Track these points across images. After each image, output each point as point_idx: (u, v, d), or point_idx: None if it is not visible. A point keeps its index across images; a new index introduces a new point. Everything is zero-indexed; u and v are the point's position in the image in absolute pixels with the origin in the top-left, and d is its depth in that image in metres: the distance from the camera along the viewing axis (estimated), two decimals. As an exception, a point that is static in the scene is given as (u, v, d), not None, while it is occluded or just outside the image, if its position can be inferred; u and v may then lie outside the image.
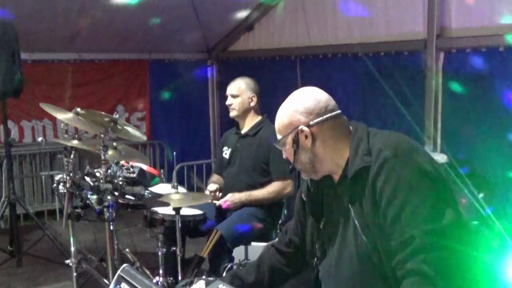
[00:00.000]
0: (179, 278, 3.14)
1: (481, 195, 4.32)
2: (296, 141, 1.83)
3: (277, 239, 2.27)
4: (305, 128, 1.81)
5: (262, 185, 3.65)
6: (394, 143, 1.71)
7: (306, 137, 1.82)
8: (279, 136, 1.90)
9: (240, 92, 3.72)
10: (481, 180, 4.36)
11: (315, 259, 1.96)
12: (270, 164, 3.63)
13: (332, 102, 1.86)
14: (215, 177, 3.97)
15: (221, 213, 3.70)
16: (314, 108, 1.82)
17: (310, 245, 1.98)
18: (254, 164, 3.67)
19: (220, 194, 3.74)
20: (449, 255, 1.55)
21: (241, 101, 3.73)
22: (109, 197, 2.82)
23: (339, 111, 1.86)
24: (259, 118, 3.79)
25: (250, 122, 3.79)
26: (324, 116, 1.81)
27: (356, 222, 1.73)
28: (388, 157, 1.66)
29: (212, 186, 3.78)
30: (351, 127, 1.87)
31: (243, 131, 3.81)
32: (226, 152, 3.88)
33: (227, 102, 3.78)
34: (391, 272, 1.65)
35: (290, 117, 1.85)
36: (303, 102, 1.84)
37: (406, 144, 1.71)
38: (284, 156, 1.95)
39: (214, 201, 3.63)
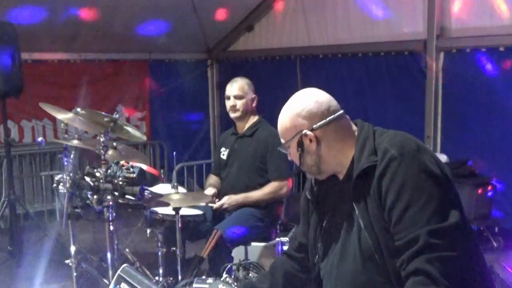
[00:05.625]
0: (179, 278, 3.14)
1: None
2: (300, 145, 1.83)
3: (288, 246, 2.24)
4: (309, 132, 1.80)
5: (261, 185, 3.64)
6: (400, 143, 1.71)
7: (311, 140, 1.81)
8: (283, 141, 1.89)
9: (244, 93, 3.69)
10: (481, 180, 4.37)
11: (317, 257, 1.95)
12: (267, 165, 3.62)
13: (333, 103, 1.85)
14: (212, 179, 3.94)
15: (218, 215, 3.68)
16: (316, 111, 1.81)
17: (313, 243, 1.97)
18: (252, 164, 3.66)
19: (217, 200, 3.71)
20: (452, 255, 1.55)
21: (245, 102, 3.69)
22: (109, 197, 2.81)
23: (341, 112, 1.85)
24: (256, 118, 3.78)
25: (249, 123, 3.78)
26: (327, 119, 1.80)
27: (360, 221, 1.73)
28: (394, 157, 1.66)
29: (210, 191, 3.76)
30: (356, 126, 1.87)
31: (240, 132, 3.80)
32: (224, 153, 3.86)
33: (231, 104, 3.70)
34: (394, 271, 1.65)
35: (293, 121, 1.83)
36: (305, 106, 1.82)
37: (412, 144, 1.70)
38: (289, 158, 1.95)
39: (211, 204, 3.60)
